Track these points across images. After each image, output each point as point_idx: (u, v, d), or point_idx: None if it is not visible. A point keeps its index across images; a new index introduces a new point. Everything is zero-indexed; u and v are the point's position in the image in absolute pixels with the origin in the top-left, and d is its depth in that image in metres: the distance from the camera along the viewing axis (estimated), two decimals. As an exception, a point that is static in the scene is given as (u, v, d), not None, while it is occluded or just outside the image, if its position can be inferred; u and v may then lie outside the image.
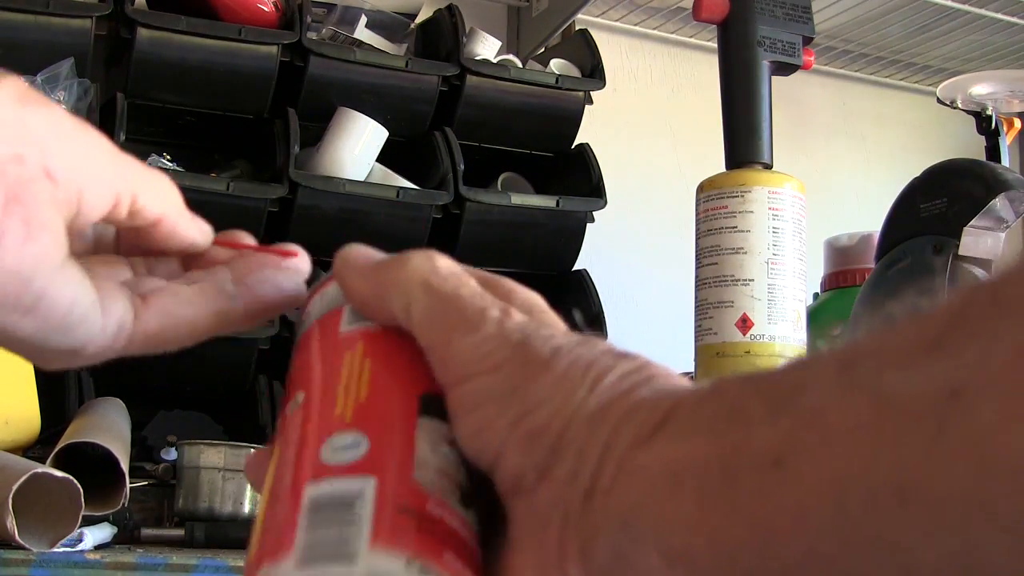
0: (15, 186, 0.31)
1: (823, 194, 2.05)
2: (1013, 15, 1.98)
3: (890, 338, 0.23)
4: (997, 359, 0.20)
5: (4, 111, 0.31)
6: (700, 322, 1.13)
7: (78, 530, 0.99)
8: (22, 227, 0.31)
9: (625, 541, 0.25)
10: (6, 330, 0.32)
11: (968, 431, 0.20)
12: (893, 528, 0.21)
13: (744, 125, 1.16)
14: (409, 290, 0.31)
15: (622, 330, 1.69)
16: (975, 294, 0.22)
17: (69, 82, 1.40)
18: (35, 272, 0.32)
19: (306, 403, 0.31)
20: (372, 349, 0.32)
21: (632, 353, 0.30)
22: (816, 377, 0.24)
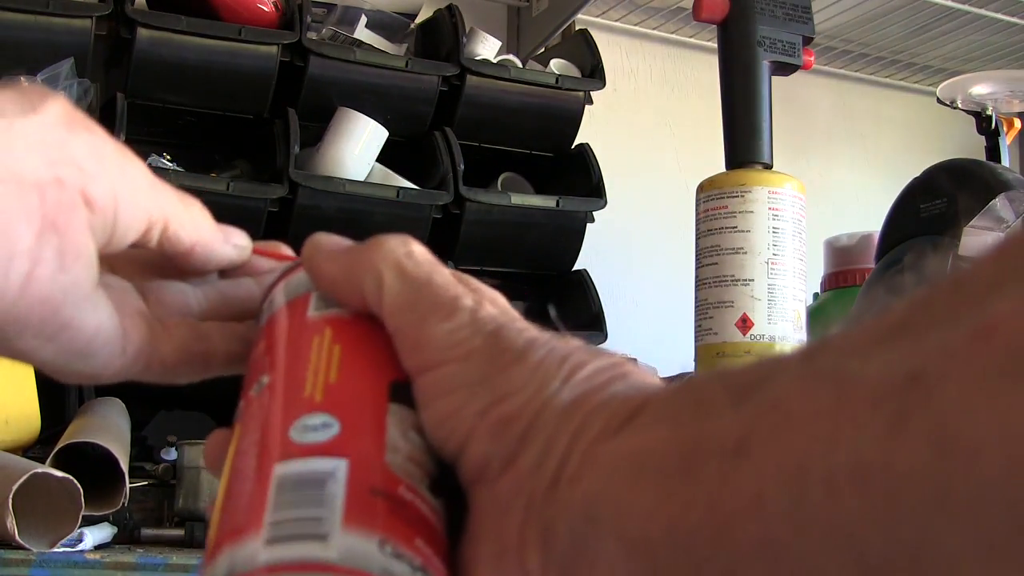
0: (53, 212, 0.30)
1: (823, 194, 2.05)
2: (1013, 15, 1.98)
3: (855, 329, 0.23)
4: (956, 342, 0.20)
5: (49, 133, 0.31)
6: (700, 322, 1.13)
7: (78, 530, 0.99)
8: (56, 257, 0.31)
9: (585, 529, 0.25)
10: (27, 352, 0.32)
11: (927, 415, 0.20)
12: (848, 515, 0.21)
13: (744, 125, 1.16)
14: (381, 273, 0.31)
15: (622, 330, 1.69)
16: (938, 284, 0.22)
17: (69, 82, 1.40)
18: (64, 301, 0.31)
19: (271, 385, 0.31)
20: (341, 335, 0.32)
21: (607, 351, 0.30)
22: (781, 368, 0.24)
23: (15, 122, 0.30)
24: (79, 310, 0.32)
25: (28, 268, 0.30)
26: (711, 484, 0.23)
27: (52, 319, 0.31)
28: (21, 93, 0.31)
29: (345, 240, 0.34)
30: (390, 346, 0.31)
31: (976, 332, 0.20)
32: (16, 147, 0.30)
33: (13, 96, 0.31)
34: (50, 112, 0.31)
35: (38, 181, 0.30)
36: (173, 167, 1.53)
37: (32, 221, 0.30)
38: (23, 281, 0.30)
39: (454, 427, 0.28)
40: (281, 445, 0.29)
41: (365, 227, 1.59)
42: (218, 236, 0.38)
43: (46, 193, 0.30)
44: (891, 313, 0.23)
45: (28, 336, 0.31)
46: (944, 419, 0.20)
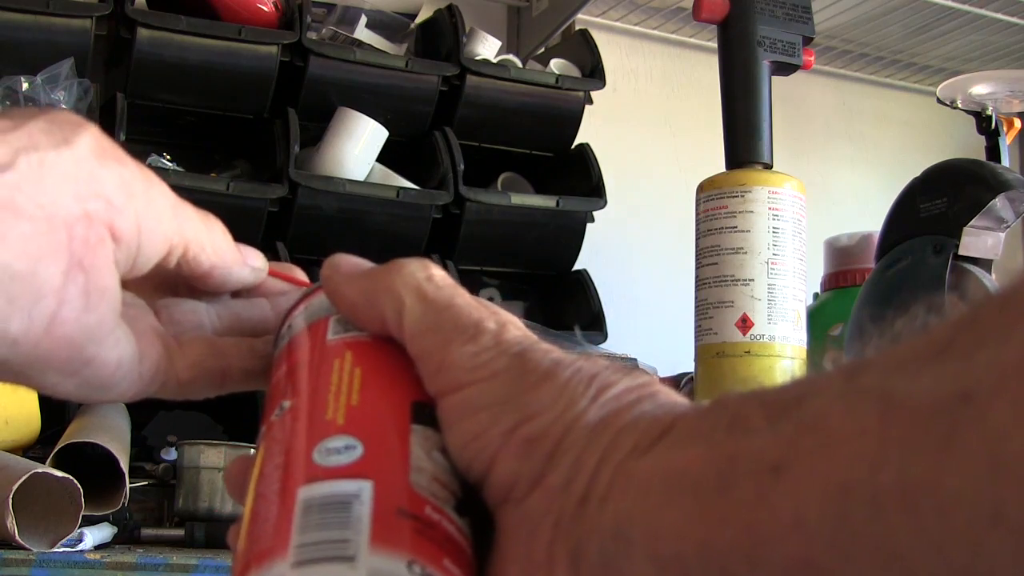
0: (80, 250, 0.30)
1: (823, 194, 2.05)
2: (1013, 15, 1.98)
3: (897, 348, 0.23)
4: (1009, 362, 0.20)
5: (80, 167, 0.31)
6: (700, 322, 1.13)
7: (78, 530, 0.99)
8: (81, 296, 0.30)
9: (616, 549, 0.25)
10: (48, 387, 0.32)
11: (980, 434, 0.20)
12: (897, 536, 0.20)
13: (744, 125, 1.16)
14: (402, 297, 0.31)
15: (622, 330, 1.69)
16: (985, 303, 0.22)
17: (69, 82, 1.40)
18: (88, 340, 0.31)
19: (293, 409, 0.31)
20: (362, 358, 0.32)
21: (637, 369, 0.30)
22: (820, 386, 0.24)
23: (47, 156, 0.30)
24: (102, 347, 0.32)
25: (54, 309, 0.30)
26: (747, 503, 0.23)
27: (76, 357, 0.31)
28: (53, 123, 0.31)
29: (364, 262, 0.34)
30: (411, 369, 0.31)
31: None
32: (47, 183, 0.30)
33: (45, 127, 0.31)
34: (82, 145, 0.31)
35: (67, 218, 0.30)
36: (173, 167, 1.53)
37: (60, 260, 0.30)
38: (48, 322, 0.30)
39: (481, 448, 0.28)
40: (305, 468, 0.29)
41: (365, 227, 1.60)
42: (237, 258, 0.38)
43: (75, 230, 0.30)
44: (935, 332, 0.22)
45: (51, 374, 0.31)
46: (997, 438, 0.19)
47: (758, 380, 1.08)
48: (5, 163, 0.29)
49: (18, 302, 0.29)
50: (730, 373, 1.09)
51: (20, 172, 0.29)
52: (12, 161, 0.29)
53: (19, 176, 0.29)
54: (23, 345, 0.29)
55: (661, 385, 0.29)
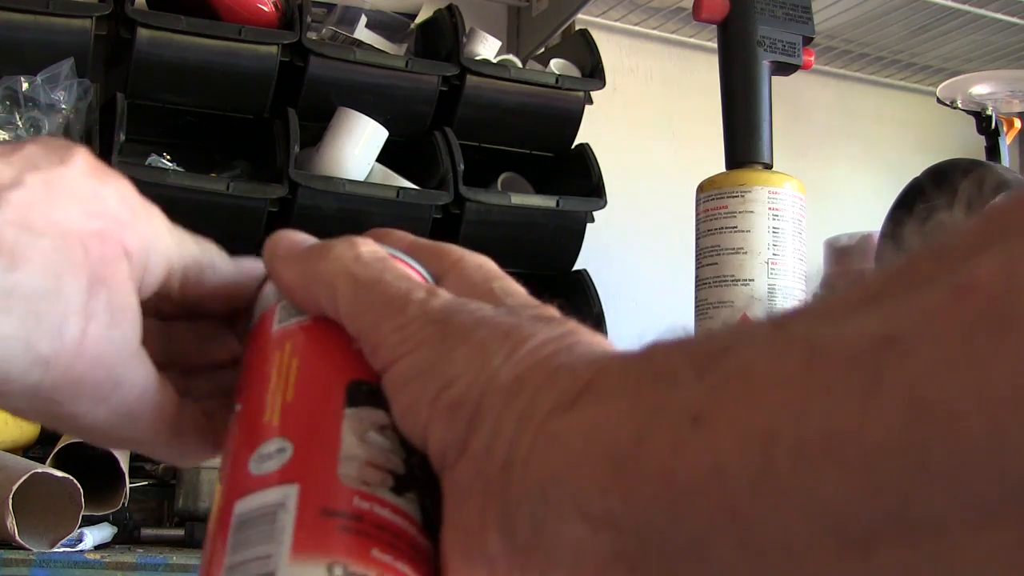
0: (98, 266, 0.30)
1: (823, 194, 2.05)
2: (1013, 15, 1.98)
3: (829, 298, 0.23)
4: (933, 303, 0.20)
5: (81, 186, 0.30)
6: (700, 322, 1.13)
7: (78, 530, 0.99)
8: (106, 311, 0.30)
9: (545, 510, 0.25)
10: (76, 417, 0.31)
11: (903, 377, 0.19)
12: (823, 484, 0.20)
13: (744, 125, 1.16)
14: (333, 280, 0.31)
15: (622, 330, 1.69)
16: (919, 252, 0.22)
17: (69, 82, 1.40)
18: (117, 358, 0.30)
19: (239, 414, 0.31)
20: (301, 345, 0.31)
21: (559, 318, 0.29)
22: (747, 335, 0.23)
23: (51, 174, 0.30)
24: (129, 367, 0.31)
25: (82, 326, 0.29)
26: (663, 454, 0.22)
27: (106, 379, 0.30)
28: (46, 146, 0.31)
29: (304, 239, 0.33)
30: (354, 345, 0.30)
31: (954, 291, 0.19)
32: (56, 201, 0.29)
33: (39, 150, 0.30)
34: (77, 163, 0.31)
35: (81, 235, 0.29)
36: (173, 167, 1.53)
37: (81, 276, 0.29)
38: (78, 341, 0.29)
39: (414, 419, 0.28)
40: (241, 480, 0.28)
41: (365, 227, 1.59)
42: (241, 274, 0.37)
43: (90, 246, 0.29)
44: (867, 281, 0.22)
45: (83, 400, 0.30)
46: (920, 381, 0.19)
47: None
48: (13, 181, 0.29)
49: (46, 321, 0.28)
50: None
51: (30, 190, 0.29)
52: (20, 179, 0.29)
53: (29, 194, 0.29)
54: (55, 367, 0.29)
55: (584, 331, 0.28)
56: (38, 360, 0.28)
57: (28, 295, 0.28)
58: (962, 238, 0.21)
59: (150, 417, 0.33)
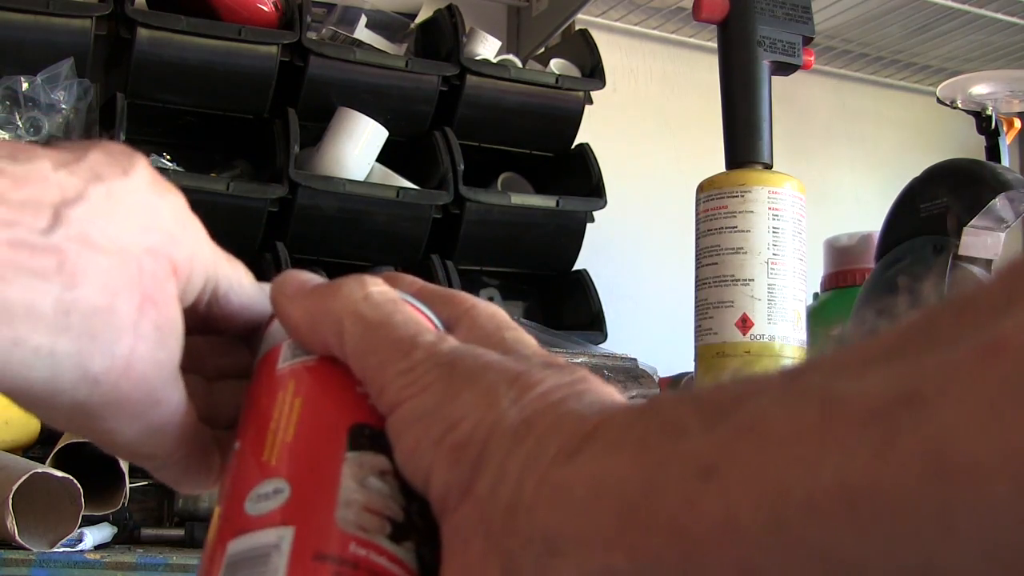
0: (149, 284, 0.29)
1: (823, 194, 2.05)
2: (1013, 15, 1.98)
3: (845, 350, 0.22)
4: (957, 361, 0.19)
5: (141, 198, 0.30)
6: (700, 322, 1.13)
7: (78, 530, 0.99)
8: (155, 332, 0.29)
9: (547, 560, 0.24)
10: (109, 432, 0.30)
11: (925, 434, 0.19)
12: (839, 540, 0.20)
13: (744, 125, 1.16)
14: (341, 320, 0.30)
15: (622, 330, 1.69)
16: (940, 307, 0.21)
17: (69, 82, 1.40)
18: (160, 378, 0.30)
19: (239, 452, 0.30)
20: (304, 386, 0.31)
21: (569, 365, 0.29)
22: (760, 387, 0.23)
23: (113, 186, 0.29)
24: (168, 387, 0.31)
25: (132, 345, 0.29)
26: (674, 508, 0.22)
27: (148, 398, 0.30)
28: (110, 154, 0.30)
29: (311, 279, 0.33)
30: (359, 387, 0.30)
31: (980, 351, 0.19)
32: (116, 215, 0.29)
33: (104, 158, 0.30)
34: (139, 175, 0.30)
35: (136, 251, 0.29)
36: (173, 167, 1.53)
37: (134, 295, 0.29)
38: (127, 360, 0.29)
39: (417, 462, 0.28)
40: (237, 519, 0.28)
41: (365, 227, 1.60)
42: (264, 298, 0.36)
43: (143, 264, 0.29)
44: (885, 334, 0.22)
45: (122, 417, 0.30)
46: (943, 439, 0.19)
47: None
48: (77, 195, 0.28)
49: (100, 339, 0.28)
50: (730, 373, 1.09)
51: (92, 204, 0.28)
52: (84, 192, 0.28)
53: (91, 208, 0.28)
54: (104, 385, 0.28)
55: (594, 380, 0.28)
56: (88, 378, 0.28)
57: (85, 313, 0.27)
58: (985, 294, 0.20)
59: (175, 435, 0.32)
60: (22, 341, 0.26)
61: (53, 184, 0.28)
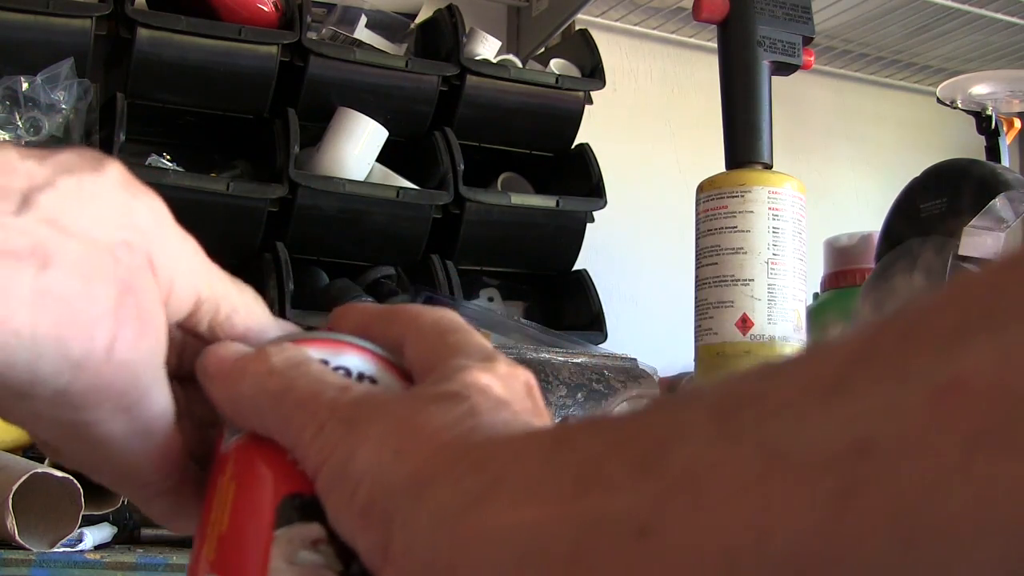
0: (127, 273, 0.29)
1: (823, 194, 2.05)
2: (1013, 15, 1.98)
3: (776, 381, 0.20)
4: (911, 405, 0.17)
5: (113, 195, 0.30)
6: (700, 322, 1.13)
7: (78, 530, 0.99)
8: (136, 320, 0.29)
9: None
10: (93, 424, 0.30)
11: (884, 494, 0.17)
12: None
13: (744, 125, 1.16)
14: (253, 400, 0.30)
15: (622, 330, 1.69)
16: (881, 328, 0.19)
17: (69, 82, 1.40)
18: (145, 368, 0.30)
19: (194, 543, 0.31)
20: (237, 467, 0.31)
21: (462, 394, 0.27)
22: (685, 430, 0.21)
23: (84, 178, 0.29)
24: (155, 380, 0.30)
25: (114, 331, 0.28)
26: (606, 571, 0.21)
27: (133, 387, 0.30)
28: (79, 154, 0.30)
29: (232, 353, 0.32)
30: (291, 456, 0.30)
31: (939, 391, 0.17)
32: (87, 206, 0.29)
33: (74, 156, 0.30)
34: (111, 173, 0.30)
35: (109, 242, 0.29)
36: (173, 167, 1.53)
37: (109, 283, 0.28)
38: (108, 344, 0.28)
39: (342, 529, 0.27)
40: None
41: (365, 227, 1.60)
42: (272, 324, 0.35)
43: (118, 254, 0.29)
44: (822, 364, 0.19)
45: (106, 406, 0.29)
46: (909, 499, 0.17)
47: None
48: (46, 182, 0.28)
49: (79, 323, 0.28)
50: (729, 371, 1.09)
51: (61, 192, 0.28)
52: (52, 180, 0.28)
53: (61, 196, 0.28)
54: (86, 370, 0.28)
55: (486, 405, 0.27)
56: (69, 362, 0.28)
57: (61, 296, 0.27)
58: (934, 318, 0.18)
59: (163, 442, 0.32)
60: (2, 323, 0.26)
61: (21, 172, 0.28)
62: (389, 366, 0.32)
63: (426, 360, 0.31)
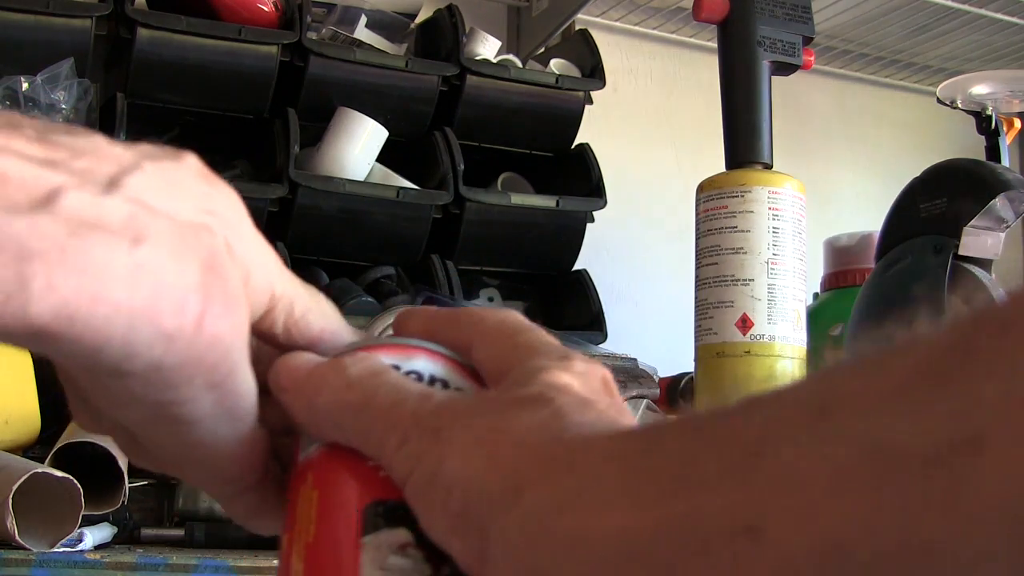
0: (209, 254, 0.29)
1: (823, 194, 2.05)
2: (1013, 15, 1.98)
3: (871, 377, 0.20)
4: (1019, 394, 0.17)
5: (194, 183, 0.30)
6: (700, 322, 1.13)
7: (78, 530, 0.98)
8: (222, 297, 0.29)
9: None
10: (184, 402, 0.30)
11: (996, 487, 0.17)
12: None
13: (744, 125, 1.16)
14: (331, 414, 0.30)
15: (622, 330, 1.69)
16: (979, 322, 0.19)
17: (69, 82, 1.40)
18: (233, 343, 0.30)
19: (281, 555, 0.31)
20: (319, 476, 0.31)
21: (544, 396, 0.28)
22: (783, 428, 0.21)
23: (167, 165, 0.30)
24: (242, 358, 0.30)
25: (203, 304, 0.28)
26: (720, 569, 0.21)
27: (223, 362, 0.30)
28: (159, 147, 0.31)
29: (304, 363, 0.32)
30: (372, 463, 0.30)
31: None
32: (172, 189, 0.29)
33: (154, 147, 0.30)
34: (190, 163, 0.31)
35: (192, 224, 0.29)
36: (173, 167, 1.53)
37: (195, 262, 0.29)
38: (198, 317, 0.28)
39: (436, 534, 0.27)
40: None
41: (365, 227, 1.60)
42: (344, 326, 0.35)
43: (200, 235, 0.29)
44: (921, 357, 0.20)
45: (197, 381, 0.29)
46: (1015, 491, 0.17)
47: (758, 380, 1.08)
48: (133, 165, 0.29)
49: (171, 297, 0.28)
50: (730, 373, 1.09)
51: (148, 175, 0.29)
52: (139, 163, 0.29)
53: (147, 178, 0.29)
54: (178, 342, 0.28)
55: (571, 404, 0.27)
56: (162, 335, 0.28)
57: (154, 270, 0.27)
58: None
59: (246, 431, 0.32)
60: (102, 297, 0.26)
61: (110, 155, 0.28)
62: (459, 368, 0.32)
63: (499, 362, 0.31)
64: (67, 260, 0.26)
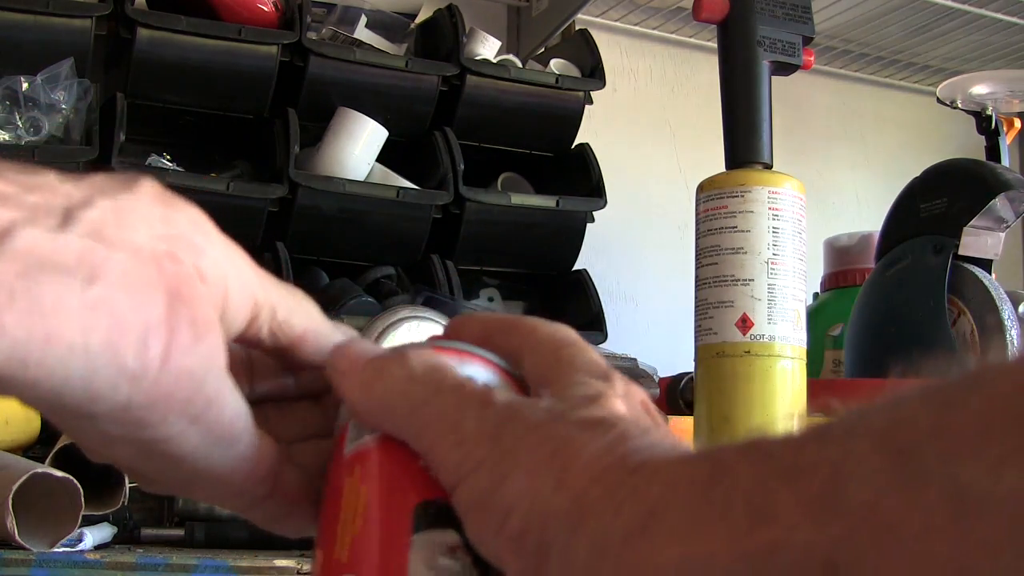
0: (174, 282, 0.29)
1: (823, 194, 2.05)
2: (1013, 15, 1.98)
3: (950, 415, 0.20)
4: None
5: (151, 210, 0.30)
6: (700, 322, 1.13)
7: (78, 530, 0.99)
8: (189, 326, 0.29)
9: None
10: (169, 439, 0.29)
11: None
12: None
13: (744, 125, 1.16)
14: (389, 402, 0.30)
15: (622, 330, 1.69)
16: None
17: (69, 82, 1.40)
18: (207, 373, 0.29)
19: (318, 544, 0.31)
20: (368, 470, 0.31)
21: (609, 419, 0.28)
22: (858, 466, 0.21)
23: (119, 197, 0.29)
24: (220, 386, 0.30)
25: (167, 339, 0.28)
26: None
27: (198, 394, 0.29)
28: (110, 177, 0.30)
29: (366, 351, 0.32)
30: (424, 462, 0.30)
31: None
32: (126, 221, 0.29)
33: (105, 179, 0.30)
34: (144, 190, 0.30)
35: (153, 253, 0.29)
36: (173, 167, 1.53)
37: (158, 293, 0.28)
38: (163, 352, 0.28)
39: (486, 549, 0.27)
40: None
41: (365, 227, 1.60)
42: (329, 324, 0.35)
43: (163, 265, 0.29)
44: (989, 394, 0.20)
45: (173, 418, 0.29)
46: None
47: (758, 380, 1.08)
48: (85, 200, 0.28)
49: (131, 334, 0.27)
50: (730, 373, 1.09)
51: (101, 210, 0.28)
52: (91, 199, 0.28)
53: (101, 213, 0.28)
54: (142, 382, 0.28)
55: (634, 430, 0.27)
56: (125, 374, 0.27)
57: (111, 308, 0.27)
58: None
59: (246, 450, 0.31)
60: (55, 337, 0.26)
61: (61, 192, 0.28)
62: (509, 378, 0.32)
63: (543, 373, 0.31)
64: (16, 301, 0.25)
